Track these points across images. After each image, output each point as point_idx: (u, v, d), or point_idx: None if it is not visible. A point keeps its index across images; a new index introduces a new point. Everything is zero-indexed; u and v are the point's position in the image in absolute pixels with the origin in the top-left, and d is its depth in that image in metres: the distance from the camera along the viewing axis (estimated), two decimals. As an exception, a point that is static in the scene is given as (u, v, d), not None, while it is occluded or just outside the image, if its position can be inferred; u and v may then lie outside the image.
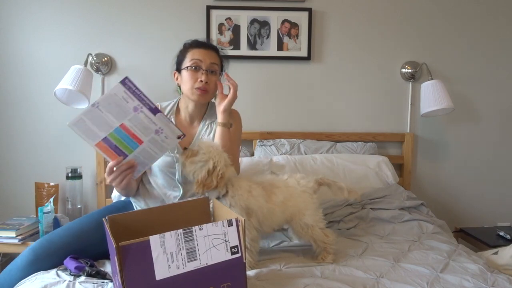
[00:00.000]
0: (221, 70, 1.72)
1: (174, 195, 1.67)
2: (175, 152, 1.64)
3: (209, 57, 1.64)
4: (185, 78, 1.64)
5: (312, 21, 2.39)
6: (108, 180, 1.45)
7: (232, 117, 1.71)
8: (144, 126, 1.41)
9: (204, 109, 1.75)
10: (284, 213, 1.52)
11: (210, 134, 1.70)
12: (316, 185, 1.61)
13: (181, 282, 1.05)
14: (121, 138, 1.41)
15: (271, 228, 1.54)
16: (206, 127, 1.73)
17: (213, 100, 1.76)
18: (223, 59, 1.73)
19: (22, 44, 2.34)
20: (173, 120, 1.70)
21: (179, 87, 1.72)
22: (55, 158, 2.38)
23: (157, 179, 1.69)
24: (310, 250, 1.61)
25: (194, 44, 1.67)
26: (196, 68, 1.62)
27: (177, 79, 1.72)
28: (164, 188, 1.68)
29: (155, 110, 1.41)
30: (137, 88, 1.39)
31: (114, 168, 1.42)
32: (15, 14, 2.32)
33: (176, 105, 1.76)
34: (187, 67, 1.63)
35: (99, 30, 2.36)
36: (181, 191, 1.66)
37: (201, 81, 1.61)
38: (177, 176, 1.65)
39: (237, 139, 1.77)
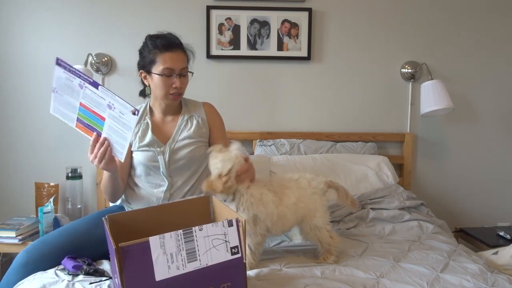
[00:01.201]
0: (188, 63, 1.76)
1: (162, 189, 1.70)
2: (155, 146, 1.69)
3: (180, 61, 1.67)
4: (158, 83, 1.67)
5: (312, 21, 2.39)
6: (90, 159, 1.47)
7: (212, 113, 1.82)
8: (97, 102, 1.40)
9: (177, 104, 1.80)
10: (295, 215, 1.51)
11: (191, 129, 1.74)
12: (326, 186, 1.61)
13: (181, 282, 1.05)
14: (87, 116, 1.44)
15: (281, 231, 1.55)
16: (185, 122, 1.76)
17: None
18: (188, 53, 1.76)
19: (22, 44, 2.34)
20: (149, 121, 1.74)
21: (149, 87, 1.74)
22: (55, 158, 2.38)
23: (142, 178, 1.72)
24: (310, 250, 1.61)
25: (162, 46, 1.66)
26: (169, 75, 1.65)
27: (145, 78, 1.73)
28: (150, 185, 1.71)
29: (95, 84, 1.39)
30: (71, 66, 1.40)
31: (95, 149, 1.45)
32: (15, 14, 2.32)
33: (148, 106, 1.79)
34: (159, 75, 1.65)
35: (99, 30, 2.36)
36: (167, 183, 1.69)
37: (175, 87, 1.66)
38: (161, 170, 1.69)
39: (224, 131, 1.86)
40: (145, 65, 1.70)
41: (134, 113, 1.37)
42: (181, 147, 1.71)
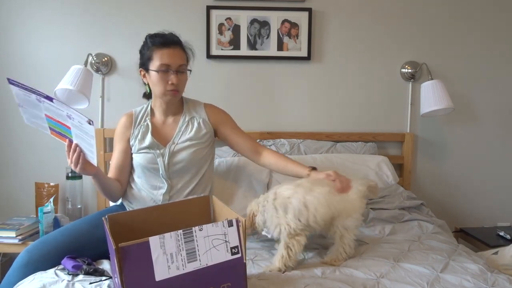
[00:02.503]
0: (187, 62, 1.74)
1: (161, 192, 1.70)
2: (155, 148, 1.69)
3: (177, 57, 1.66)
4: (155, 80, 1.66)
5: (312, 21, 2.39)
6: (68, 164, 1.50)
7: (214, 111, 1.82)
8: (57, 113, 1.41)
9: (177, 104, 1.79)
10: (330, 207, 1.46)
11: (192, 132, 1.73)
12: (367, 190, 1.57)
13: (181, 282, 1.05)
14: (55, 125, 1.46)
15: (323, 222, 1.47)
16: (186, 123, 1.76)
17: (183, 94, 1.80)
18: (187, 52, 1.74)
19: (22, 44, 2.33)
20: (149, 123, 1.75)
21: (148, 85, 1.74)
22: (55, 158, 2.38)
23: (142, 179, 1.73)
24: (311, 250, 1.60)
25: (160, 43, 1.66)
26: (165, 71, 1.64)
27: (144, 76, 1.73)
28: (150, 186, 1.71)
29: (49, 98, 1.39)
30: (23, 84, 1.41)
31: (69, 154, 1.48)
32: (15, 14, 2.32)
33: (149, 107, 1.79)
34: (156, 70, 1.64)
35: (99, 30, 2.36)
36: (166, 185, 1.69)
37: (172, 83, 1.65)
38: (161, 172, 1.69)
39: (234, 123, 1.86)
40: (144, 63, 1.71)
41: (89, 123, 1.37)
42: (181, 150, 1.70)
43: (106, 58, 2.35)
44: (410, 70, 2.45)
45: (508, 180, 2.57)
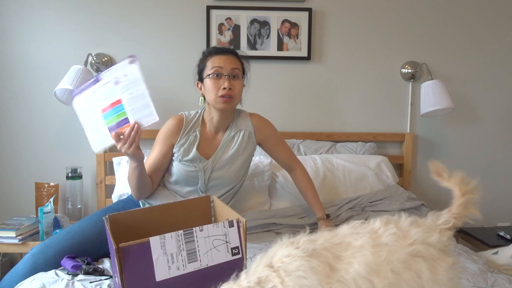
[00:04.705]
0: (243, 73, 1.71)
1: None
2: (198, 161, 1.66)
3: (229, 62, 1.63)
4: (208, 87, 1.63)
5: (312, 21, 2.39)
6: (118, 147, 1.45)
7: (261, 124, 1.79)
8: (107, 91, 1.42)
9: (230, 119, 1.74)
10: None
11: (234, 147, 1.70)
12: (450, 233, 0.91)
13: (181, 283, 1.05)
14: (111, 115, 1.44)
15: None
16: (230, 138, 1.72)
17: (238, 106, 1.76)
18: (243, 62, 1.72)
19: (22, 44, 2.33)
20: (198, 134, 1.70)
21: (204, 97, 1.71)
22: (55, 158, 2.38)
23: (177, 187, 1.70)
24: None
25: (213, 52, 1.67)
26: (218, 76, 1.61)
27: (200, 88, 1.71)
28: (185, 194, 1.69)
29: (97, 78, 1.42)
30: (81, 86, 1.44)
31: (121, 136, 1.44)
32: (15, 14, 2.31)
33: (201, 117, 1.74)
34: (208, 75, 1.62)
35: (99, 30, 2.36)
36: None
37: (224, 88, 1.60)
38: (199, 185, 1.67)
39: (280, 139, 1.85)
40: (199, 74, 1.69)
41: (131, 62, 1.38)
42: (222, 166, 1.68)
43: (106, 58, 2.35)
44: (410, 70, 2.45)
45: (508, 180, 2.57)
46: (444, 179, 1.05)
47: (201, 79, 1.68)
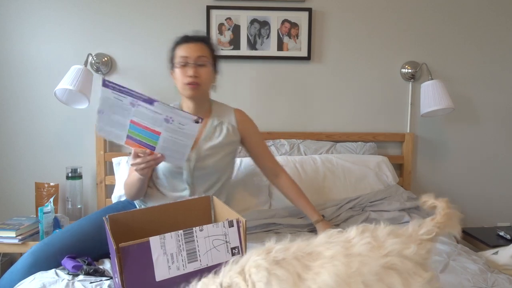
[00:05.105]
0: (214, 60, 1.72)
1: (181, 194, 1.67)
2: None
3: (196, 50, 1.63)
4: (176, 76, 1.66)
5: (312, 21, 2.39)
6: (131, 163, 1.45)
7: (244, 120, 1.79)
8: (152, 117, 1.37)
9: (206, 107, 1.75)
10: None
11: (219, 137, 1.70)
12: (430, 244, 0.86)
13: (181, 283, 1.05)
14: (139, 132, 1.41)
15: None
16: (213, 129, 1.72)
17: (212, 98, 1.77)
18: (214, 49, 1.73)
19: (22, 44, 2.33)
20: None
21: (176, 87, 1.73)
22: (55, 158, 2.38)
23: (164, 181, 1.69)
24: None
25: (181, 40, 1.68)
26: (184, 65, 1.63)
27: (174, 78, 1.73)
28: (171, 188, 1.69)
29: (149, 101, 1.36)
30: (120, 86, 1.36)
31: (140, 155, 1.43)
32: (15, 14, 2.31)
33: (179, 106, 1.76)
34: (176, 65, 1.65)
35: (99, 30, 2.36)
36: (189, 191, 1.67)
37: (190, 76, 1.61)
38: (184, 176, 1.66)
39: (260, 137, 1.83)
40: (171, 63, 1.71)
41: (197, 121, 1.36)
42: (208, 156, 1.67)
43: (106, 58, 2.35)
44: (410, 70, 2.45)
45: (508, 180, 2.58)
46: (429, 201, 1.02)
47: (172, 67, 1.70)
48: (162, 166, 1.65)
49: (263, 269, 0.78)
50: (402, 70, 2.48)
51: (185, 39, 1.67)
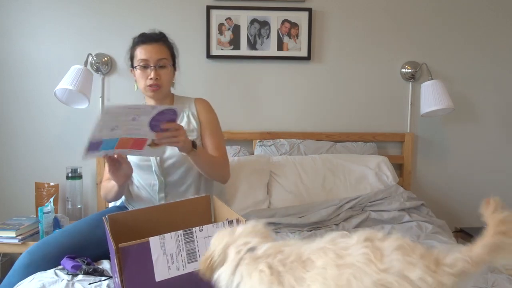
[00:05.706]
0: (173, 59, 1.73)
1: (156, 188, 1.67)
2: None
3: (156, 52, 1.64)
4: (137, 77, 1.68)
5: (312, 21, 2.39)
6: (108, 173, 1.48)
7: (203, 108, 1.77)
8: (138, 130, 1.36)
9: (168, 102, 1.76)
10: None
11: (189, 127, 1.72)
12: (449, 281, 0.68)
13: (181, 283, 1.05)
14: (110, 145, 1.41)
15: None
16: (183, 119, 1.73)
17: (173, 92, 1.79)
18: (173, 47, 1.73)
19: (22, 44, 2.33)
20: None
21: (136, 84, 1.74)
22: (55, 158, 2.38)
23: (137, 177, 1.70)
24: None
25: (140, 41, 1.68)
26: (145, 67, 1.64)
27: (134, 75, 1.73)
28: (146, 184, 1.69)
29: (134, 118, 1.33)
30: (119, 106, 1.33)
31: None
32: (15, 14, 2.32)
33: (144, 102, 1.78)
34: (136, 66, 1.66)
35: (99, 30, 2.36)
36: (158, 182, 1.66)
37: (151, 78, 1.63)
38: (153, 168, 1.66)
39: (215, 126, 1.77)
40: (130, 63, 1.72)
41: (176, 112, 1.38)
42: None
43: (106, 58, 2.35)
44: (410, 70, 2.45)
45: (508, 180, 2.57)
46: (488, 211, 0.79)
47: (132, 66, 1.71)
48: (132, 162, 1.63)
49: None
50: (402, 70, 2.47)
51: (144, 40, 1.68)
